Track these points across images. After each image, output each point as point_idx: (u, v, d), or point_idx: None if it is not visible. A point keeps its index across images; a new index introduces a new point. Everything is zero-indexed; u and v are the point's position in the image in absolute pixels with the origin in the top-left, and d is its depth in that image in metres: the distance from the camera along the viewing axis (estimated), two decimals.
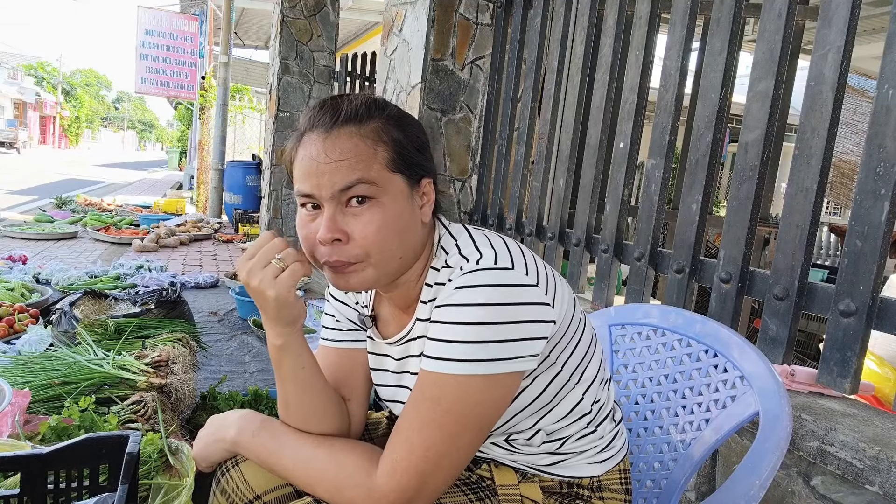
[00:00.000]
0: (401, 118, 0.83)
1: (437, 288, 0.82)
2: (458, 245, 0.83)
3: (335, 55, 5.43)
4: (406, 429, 0.76)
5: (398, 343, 0.89)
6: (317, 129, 0.79)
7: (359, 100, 0.81)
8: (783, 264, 1.32)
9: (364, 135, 0.78)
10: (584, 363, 0.88)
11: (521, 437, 0.88)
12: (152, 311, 2.15)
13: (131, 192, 12.27)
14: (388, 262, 0.80)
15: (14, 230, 4.90)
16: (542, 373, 0.83)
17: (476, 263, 0.76)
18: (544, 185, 2.33)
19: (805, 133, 1.28)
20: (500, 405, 0.77)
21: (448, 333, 0.74)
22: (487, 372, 0.73)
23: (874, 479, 0.99)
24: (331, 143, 0.77)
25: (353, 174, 0.76)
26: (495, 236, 0.83)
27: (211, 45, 10.30)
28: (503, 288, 0.73)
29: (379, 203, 0.78)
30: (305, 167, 0.79)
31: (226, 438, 0.92)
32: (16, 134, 29.39)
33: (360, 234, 0.77)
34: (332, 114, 0.79)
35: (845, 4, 1.22)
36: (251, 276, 0.79)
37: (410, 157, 0.81)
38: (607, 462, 0.92)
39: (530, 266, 0.78)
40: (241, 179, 6.77)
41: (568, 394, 0.86)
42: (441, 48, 2.64)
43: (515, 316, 0.73)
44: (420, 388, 0.77)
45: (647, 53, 1.82)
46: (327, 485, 0.81)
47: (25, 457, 0.90)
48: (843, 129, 5.42)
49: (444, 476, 0.76)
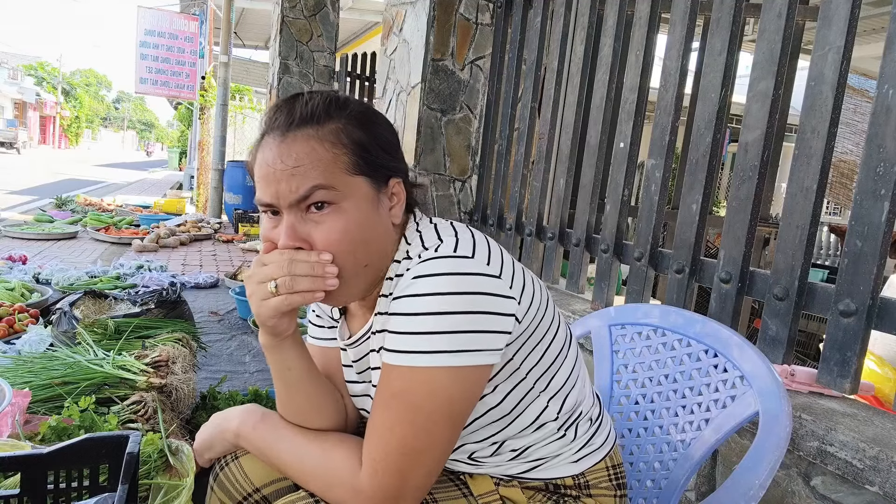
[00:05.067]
0: (364, 117, 0.79)
1: (396, 280, 0.79)
2: (421, 236, 0.80)
3: (335, 55, 5.44)
4: (380, 427, 0.74)
5: (360, 341, 0.88)
6: (273, 131, 0.76)
7: (316, 99, 0.77)
8: (783, 264, 1.32)
9: (322, 137, 0.74)
10: (553, 370, 0.84)
11: (482, 453, 0.85)
12: (152, 311, 2.15)
13: (131, 192, 12.27)
14: (353, 270, 0.76)
15: (14, 230, 4.89)
16: (505, 380, 0.80)
17: (434, 251, 0.73)
18: (544, 185, 2.33)
19: (805, 133, 1.28)
20: (470, 400, 0.75)
21: (407, 325, 0.71)
22: (452, 364, 0.70)
23: (874, 479, 0.99)
24: (286, 148, 0.73)
25: (309, 181, 0.72)
26: (462, 226, 0.80)
27: (211, 45, 10.30)
28: (462, 276, 0.70)
29: (340, 209, 0.74)
30: (263, 173, 0.75)
31: (229, 429, 0.93)
32: (16, 134, 29.32)
33: (322, 242, 0.74)
34: (286, 115, 0.75)
35: (845, 4, 1.22)
36: (248, 282, 0.79)
37: (374, 158, 0.77)
38: (588, 458, 0.89)
39: (494, 257, 0.75)
40: (241, 179, 6.77)
41: (531, 403, 0.83)
42: (441, 48, 2.64)
43: (475, 306, 0.70)
44: (386, 383, 0.74)
45: (647, 53, 1.83)
46: (319, 482, 0.81)
47: (25, 457, 0.91)
48: (843, 129, 5.41)
49: (425, 472, 0.74)
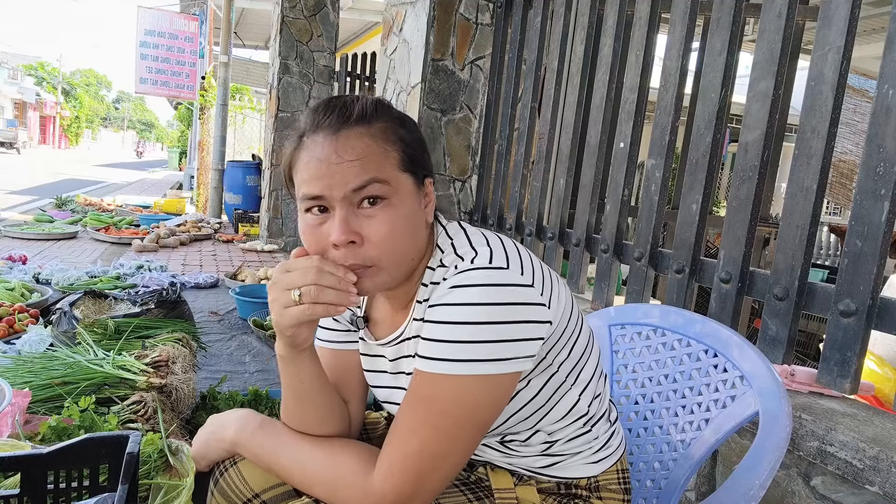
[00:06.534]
0: (403, 118, 0.83)
1: (432, 287, 0.82)
2: (453, 244, 0.82)
3: (335, 55, 5.43)
4: (402, 429, 0.76)
5: (392, 343, 0.89)
6: (323, 129, 0.77)
7: (365, 100, 0.80)
8: (783, 264, 1.32)
9: (373, 134, 0.77)
10: (581, 364, 0.87)
11: (517, 439, 0.87)
12: (152, 311, 2.15)
13: (131, 192, 12.27)
14: (400, 263, 0.79)
15: (14, 230, 4.89)
16: (538, 374, 0.82)
17: (471, 262, 0.76)
18: (544, 185, 2.33)
19: (805, 133, 1.28)
20: (497, 406, 0.77)
21: (442, 333, 0.73)
22: (483, 372, 0.72)
23: (874, 479, 0.99)
24: (341, 144, 0.76)
25: (366, 174, 0.75)
26: (492, 235, 0.82)
27: (211, 45, 10.30)
28: (498, 287, 0.73)
29: (391, 204, 0.77)
30: (313, 169, 0.77)
31: (225, 438, 0.92)
32: (16, 134, 29.31)
33: (374, 236, 0.76)
34: (340, 114, 0.78)
35: (845, 4, 1.22)
36: (271, 289, 0.79)
37: (416, 156, 0.81)
38: (604, 462, 0.92)
39: (526, 266, 0.77)
40: (241, 179, 6.77)
41: (564, 395, 0.86)
42: (441, 48, 2.64)
43: (510, 316, 0.72)
44: (415, 389, 0.76)
45: (647, 53, 1.83)
46: (324, 485, 0.81)
47: (25, 457, 0.91)
48: (843, 129, 5.41)
49: (440, 477, 0.76)
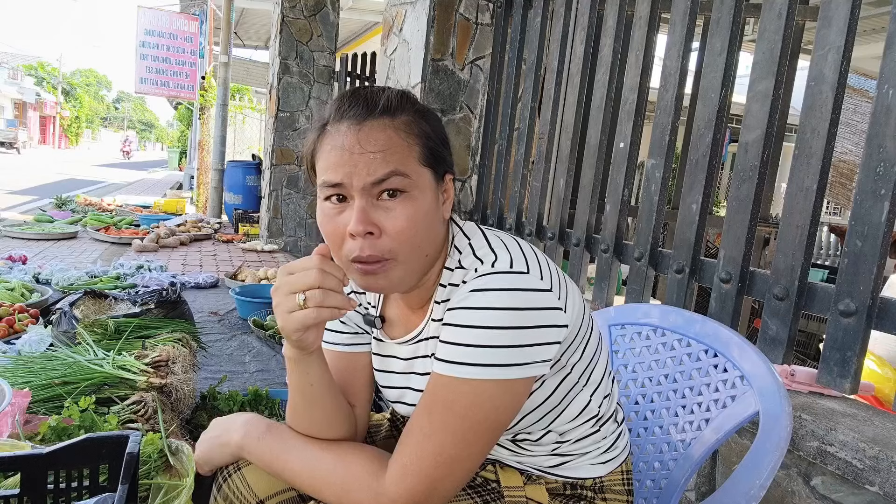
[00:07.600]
0: (427, 112, 0.82)
1: (450, 289, 0.81)
2: (471, 245, 0.82)
3: (335, 55, 5.43)
4: (417, 433, 0.75)
5: (409, 343, 0.88)
6: (347, 119, 0.77)
7: (391, 92, 0.80)
8: (783, 264, 1.32)
9: (397, 127, 0.77)
10: (592, 365, 0.87)
11: (529, 438, 0.88)
12: (152, 311, 2.15)
13: (131, 192, 12.27)
14: (416, 258, 0.78)
15: (14, 230, 4.89)
16: (552, 376, 0.82)
17: (491, 266, 0.75)
18: (544, 185, 2.33)
19: (805, 133, 1.28)
20: (513, 410, 0.76)
21: (462, 337, 0.72)
22: (502, 377, 0.72)
23: (874, 479, 0.99)
24: (365, 135, 0.75)
25: (387, 166, 0.75)
26: (508, 237, 0.82)
27: (211, 45, 10.29)
28: (519, 293, 0.72)
29: (410, 197, 0.76)
30: (335, 158, 0.76)
31: (230, 442, 0.91)
32: (16, 134, 29.27)
33: (392, 228, 0.75)
34: (365, 105, 0.77)
35: (845, 4, 1.22)
36: (275, 293, 0.77)
37: (438, 151, 0.81)
38: (610, 463, 0.92)
39: (544, 270, 0.77)
40: (241, 179, 6.77)
41: (577, 396, 0.86)
42: (441, 48, 2.64)
43: (530, 321, 0.72)
44: (431, 392, 0.76)
45: (647, 53, 1.83)
46: (334, 488, 0.80)
47: (25, 457, 0.91)
48: (843, 129, 5.40)
49: (454, 481, 0.75)
